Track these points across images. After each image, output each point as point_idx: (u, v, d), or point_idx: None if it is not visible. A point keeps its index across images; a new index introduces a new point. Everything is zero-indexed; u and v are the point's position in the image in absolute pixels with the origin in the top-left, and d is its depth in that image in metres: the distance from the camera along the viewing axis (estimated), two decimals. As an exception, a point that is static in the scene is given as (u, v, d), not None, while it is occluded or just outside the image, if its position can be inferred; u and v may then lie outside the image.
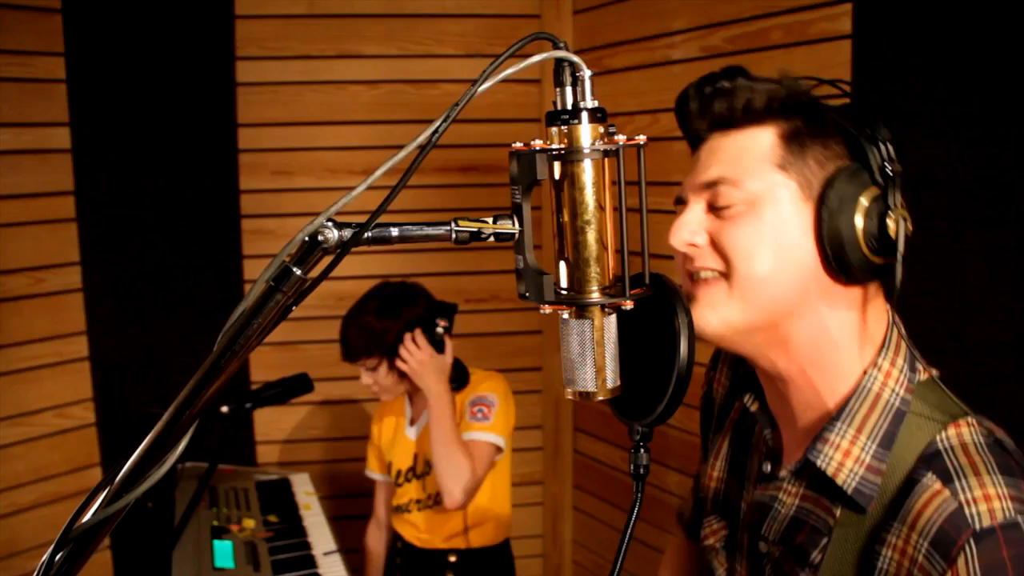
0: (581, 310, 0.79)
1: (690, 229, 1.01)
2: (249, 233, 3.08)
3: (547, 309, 0.79)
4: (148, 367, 2.95)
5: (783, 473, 1.05)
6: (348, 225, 0.75)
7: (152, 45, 2.88)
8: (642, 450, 0.97)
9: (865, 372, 1.00)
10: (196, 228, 2.99)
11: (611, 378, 0.81)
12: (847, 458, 0.96)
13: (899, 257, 0.94)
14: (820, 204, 0.96)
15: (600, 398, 0.80)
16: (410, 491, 2.49)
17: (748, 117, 1.00)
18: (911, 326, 1.03)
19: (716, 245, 1.00)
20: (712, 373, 1.31)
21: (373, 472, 2.65)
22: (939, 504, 0.88)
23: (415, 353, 2.32)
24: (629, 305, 0.79)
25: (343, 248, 0.74)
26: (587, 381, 0.80)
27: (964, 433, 0.94)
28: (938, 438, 0.94)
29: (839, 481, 0.96)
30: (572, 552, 3.39)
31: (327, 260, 0.75)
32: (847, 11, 2.08)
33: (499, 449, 2.39)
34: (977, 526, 0.85)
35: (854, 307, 1.01)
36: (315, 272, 0.75)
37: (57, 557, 0.75)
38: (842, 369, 1.01)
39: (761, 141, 0.99)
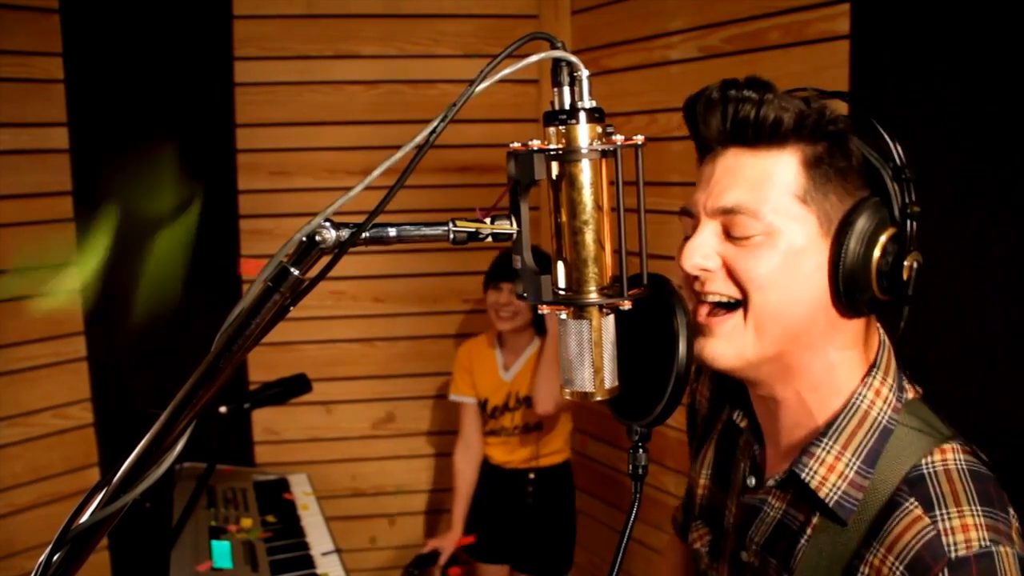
0: (579, 310, 0.79)
1: (703, 253, 0.98)
2: (247, 233, 3.07)
3: (545, 309, 0.79)
4: (146, 367, 2.95)
5: (769, 483, 1.06)
6: (346, 225, 0.75)
7: (150, 45, 2.87)
8: (641, 450, 0.98)
9: (855, 391, 1.00)
10: (194, 228, 2.98)
11: (609, 378, 0.80)
12: (831, 473, 0.97)
13: (907, 299, 0.95)
14: (838, 242, 0.95)
15: (598, 398, 0.80)
16: (502, 421, 2.91)
17: (773, 136, 0.95)
18: (912, 325, 1.03)
19: (731, 272, 0.98)
20: (694, 384, 1.30)
21: (463, 396, 2.96)
22: (919, 530, 0.89)
23: None
24: (627, 305, 0.79)
25: (341, 248, 0.75)
26: (585, 381, 0.80)
27: (949, 459, 0.94)
28: (923, 462, 0.94)
29: (821, 495, 0.97)
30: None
31: (325, 260, 0.75)
32: (845, 11, 2.08)
33: None
34: (953, 555, 0.87)
35: (855, 336, 1.01)
36: (313, 272, 0.75)
37: (55, 557, 0.74)
38: (835, 389, 1.01)
39: (784, 168, 0.95)
